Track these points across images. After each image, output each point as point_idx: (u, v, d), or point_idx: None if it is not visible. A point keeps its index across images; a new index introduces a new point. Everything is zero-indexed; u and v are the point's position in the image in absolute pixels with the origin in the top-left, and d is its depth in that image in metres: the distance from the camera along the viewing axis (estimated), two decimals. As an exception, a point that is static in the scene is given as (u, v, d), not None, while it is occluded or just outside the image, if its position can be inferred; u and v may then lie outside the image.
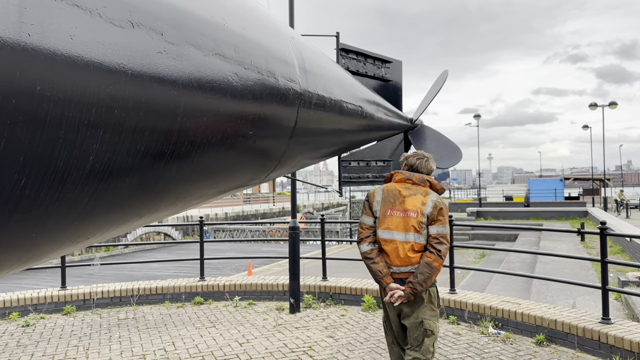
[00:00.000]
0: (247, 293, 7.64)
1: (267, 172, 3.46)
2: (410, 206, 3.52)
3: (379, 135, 4.91)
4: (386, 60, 5.20)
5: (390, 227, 3.51)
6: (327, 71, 3.78)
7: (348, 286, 7.27)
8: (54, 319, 6.83)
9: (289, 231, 6.95)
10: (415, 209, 3.51)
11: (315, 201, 62.22)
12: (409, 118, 5.46)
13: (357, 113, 4.19)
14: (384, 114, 4.79)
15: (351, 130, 4.19)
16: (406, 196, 3.58)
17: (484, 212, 33.73)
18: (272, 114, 2.96)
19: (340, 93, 3.88)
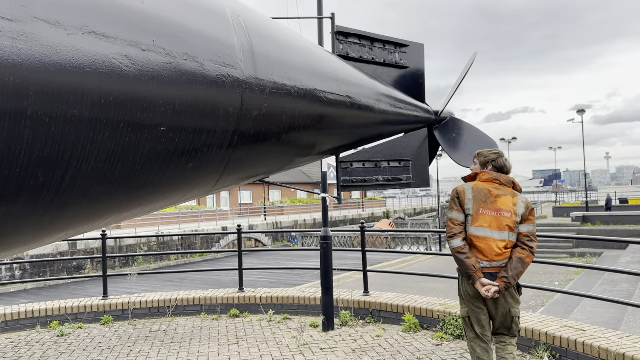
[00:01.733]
0: (285, 307, 7.16)
1: (209, 182, 2.95)
2: (503, 206, 3.67)
3: (386, 131, 4.21)
4: (401, 44, 4.48)
5: (484, 225, 3.64)
6: (293, 55, 3.19)
7: (389, 303, 6.53)
8: (90, 329, 6.81)
9: (320, 241, 6.37)
10: (508, 209, 3.67)
11: (407, 206, 60.77)
12: (434, 111, 4.68)
13: (344, 105, 3.55)
14: (392, 105, 4.09)
15: (337, 126, 3.55)
16: (497, 196, 3.70)
17: (591, 217, 30.62)
18: (193, 107, 2.44)
19: (314, 81, 3.27)
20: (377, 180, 4.29)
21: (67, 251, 25.89)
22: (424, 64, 4.68)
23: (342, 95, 3.52)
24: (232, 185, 3.25)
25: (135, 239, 28.76)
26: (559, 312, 10.54)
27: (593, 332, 4.84)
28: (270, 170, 3.45)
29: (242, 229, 7.71)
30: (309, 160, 3.79)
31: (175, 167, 2.55)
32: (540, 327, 5.09)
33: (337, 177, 4.03)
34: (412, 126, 4.47)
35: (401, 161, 4.48)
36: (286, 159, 3.39)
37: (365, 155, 4.26)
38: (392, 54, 4.44)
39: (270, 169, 3.40)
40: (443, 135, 4.67)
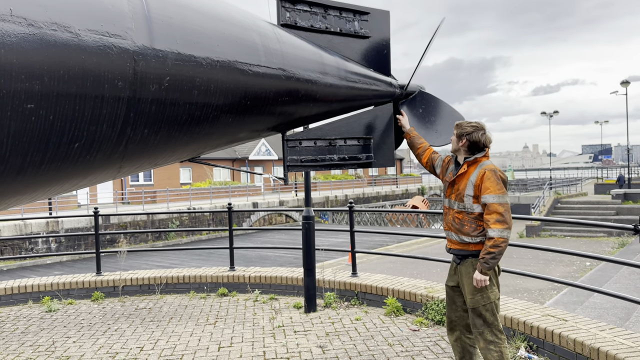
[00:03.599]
0: (273, 286, 7.03)
1: (110, 165, 2.77)
2: None
3: (337, 107, 3.91)
4: (361, 12, 4.14)
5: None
6: (209, 23, 2.93)
7: (374, 285, 6.29)
8: (79, 306, 6.88)
9: (302, 221, 6.17)
10: None
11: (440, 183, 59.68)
12: (399, 84, 4.34)
13: (277, 78, 3.29)
14: (343, 79, 3.79)
15: (269, 102, 3.29)
16: None
17: (633, 194, 29.17)
18: (67, 82, 2.25)
19: (235, 52, 3.01)
20: (330, 160, 4.00)
21: (101, 225, 26.70)
22: (389, 33, 4.31)
23: (274, 68, 3.24)
24: (144, 168, 3.06)
25: (166, 214, 29.37)
26: (571, 302, 10.05)
27: (574, 323, 4.48)
28: (196, 150, 3.24)
29: (232, 207, 7.58)
30: (241, 139, 3.55)
31: (56, 147, 2.38)
32: (520, 316, 4.75)
33: (283, 157, 3.78)
34: (371, 101, 4.15)
35: (360, 139, 4.17)
36: (211, 138, 3.17)
37: (317, 132, 3.97)
38: (350, 23, 4.10)
39: (194, 148, 3.19)
40: (409, 111, 4.33)
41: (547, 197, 29.47)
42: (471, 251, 3.66)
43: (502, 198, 3.54)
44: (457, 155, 3.82)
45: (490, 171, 3.58)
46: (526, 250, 19.87)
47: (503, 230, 3.48)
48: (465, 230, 3.66)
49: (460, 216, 3.70)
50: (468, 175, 3.67)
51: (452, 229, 3.76)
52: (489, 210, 3.53)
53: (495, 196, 3.52)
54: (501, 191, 3.55)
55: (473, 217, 3.63)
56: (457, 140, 3.76)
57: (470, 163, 3.70)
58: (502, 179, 3.60)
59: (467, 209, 3.64)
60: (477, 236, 3.62)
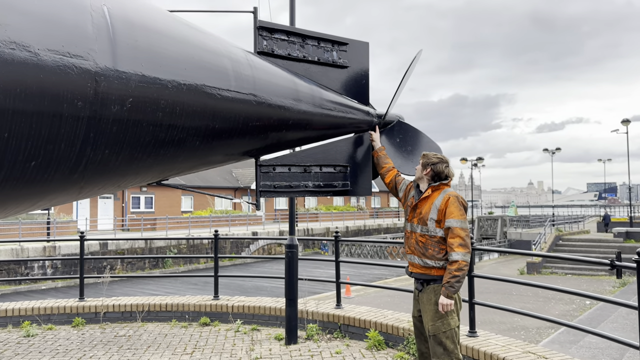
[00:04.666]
0: (256, 317, 6.91)
1: (70, 186, 2.75)
2: None
3: (312, 135, 3.91)
4: (339, 42, 4.18)
5: None
6: (178, 48, 2.95)
7: (357, 317, 6.17)
8: (59, 331, 6.77)
9: (285, 249, 6.11)
10: None
11: (446, 217, 59.32)
12: (377, 114, 4.35)
13: (247, 103, 3.29)
14: (318, 106, 3.80)
15: (238, 127, 3.29)
16: None
17: (635, 233, 28.89)
18: (24, 100, 2.26)
19: (203, 76, 3.03)
20: (305, 187, 3.97)
21: (98, 251, 26.56)
22: (367, 64, 4.35)
23: (245, 93, 3.25)
24: (107, 189, 3.04)
25: (165, 240, 29.24)
26: (567, 341, 9.84)
27: (555, 361, 4.36)
28: (162, 172, 3.22)
29: (218, 234, 7.52)
30: (212, 163, 3.54)
31: (12, 166, 2.36)
32: (500, 352, 4.63)
33: (256, 182, 3.76)
34: (347, 129, 4.14)
35: (336, 166, 4.15)
36: (177, 161, 3.16)
37: (292, 159, 3.96)
38: (328, 52, 4.14)
39: (160, 170, 3.17)
40: (387, 140, 4.32)
41: (548, 234, 29.22)
42: (433, 276, 3.75)
43: (464, 223, 3.68)
44: (420, 183, 3.92)
45: (454, 197, 3.73)
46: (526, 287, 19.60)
47: (466, 254, 3.61)
48: (429, 254, 3.74)
49: (423, 239, 3.77)
50: (432, 200, 3.77)
51: (416, 252, 3.84)
52: (453, 234, 3.63)
53: (458, 221, 3.65)
54: (463, 217, 3.69)
55: (435, 240, 3.72)
56: (421, 169, 3.87)
57: (435, 189, 3.81)
58: (464, 206, 3.76)
59: (430, 232, 3.74)
60: (440, 260, 3.71)
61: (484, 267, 29.00)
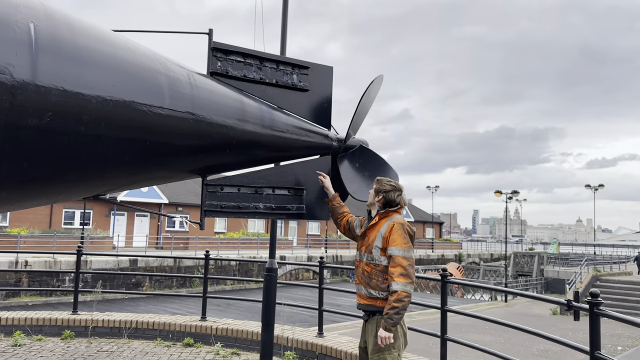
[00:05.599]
0: (239, 340, 6.83)
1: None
2: None
3: (259, 156, 3.88)
4: (300, 65, 4.17)
5: None
6: (108, 66, 3.01)
7: (336, 347, 6.00)
8: (46, 343, 6.88)
9: (264, 273, 6.04)
10: None
11: (483, 250, 57.75)
12: (337, 138, 4.29)
13: (184, 122, 3.30)
14: (267, 127, 3.78)
15: (172, 146, 3.30)
16: None
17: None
18: None
19: (134, 93, 3.06)
20: (255, 208, 3.93)
21: (127, 267, 27.13)
22: (330, 88, 4.30)
23: (180, 111, 3.27)
24: (33, 203, 3.09)
25: (193, 260, 29.61)
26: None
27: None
28: (92, 188, 3.25)
29: (209, 255, 7.54)
30: (150, 180, 3.55)
31: None
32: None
33: (201, 201, 3.75)
34: (302, 152, 4.09)
35: (291, 189, 4.09)
36: (106, 177, 3.18)
37: (242, 179, 3.93)
38: (287, 75, 4.13)
39: (88, 186, 3.20)
40: (346, 165, 4.24)
41: (584, 273, 27.89)
42: (378, 307, 3.60)
43: (408, 252, 3.50)
44: (371, 209, 3.81)
45: (398, 224, 3.58)
46: (555, 328, 18.68)
47: (406, 285, 3.43)
48: (373, 284, 3.61)
49: (368, 269, 3.65)
50: (378, 227, 3.66)
51: (362, 282, 3.71)
52: (394, 263, 3.48)
53: (400, 249, 3.49)
54: (407, 245, 3.52)
55: (380, 269, 3.58)
56: (374, 195, 3.76)
57: (382, 216, 3.70)
58: (410, 234, 3.59)
59: (374, 261, 3.61)
60: (384, 290, 3.57)
61: (515, 306, 27.91)
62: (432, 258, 45.43)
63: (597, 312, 3.23)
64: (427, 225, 58.98)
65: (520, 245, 74.11)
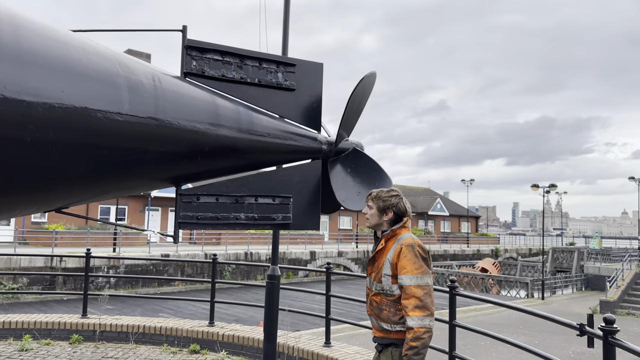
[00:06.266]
0: (245, 348, 6.60)
1: None
2: None
3: (237, 163, 3.58)
4: (285, 63, 3.85)
5: None
6: (56, 66, 2.76)
7: (342, 359, 5.68)
8: (54, 347, 6.82)
9: (266, 280, 5.77)
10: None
11: (521, 245, 56.19)
12: (328, 141, 3.95)
13: (145, 127, 3.04)
14: (245, 131, 3.48)
15: (131, 153, 3.04)
16: None
17: None
18: None
19: (88, 98, 2.81)
20: (236, 219, 3.64)
21: (159, 263, 27.48)
22: (320, 87, 3.95)
23: (142, 117, 3.01)
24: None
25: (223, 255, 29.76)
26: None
27: None
28: (46, 202, 3.02)
29: (217, 258, 7.32)
30: (116, 190, 3.30)
31: None
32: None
33: (175, 212, 3.48)
34: (287, 156, 3.77)
35: (276, 197, 3.78)
36: (60, 190, 2.95)
37: (221, 188, 3.64)
38: (271, 74, 3.80)
39: (40, 199, 2.97)
40: (337, 170, 3.89)
41: (627, 270, 26.61)
42: (393, 339, 3.12)
43: (421, 279, 3.01)
44: (376, 230, 3.31)
45: (407, 247, 3.07)
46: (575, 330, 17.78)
47: (424, 318, 2.94)
48: (383, 316, 3.13)
49: (377, 299, 3.17)
50: (386, 252, 3.18)
51: (372, 314, 3.24)
52: (406, 294, 3.00)
53: (412, 277, 3.00)
54: (420, 270, 3.02)
55: (392, 300, 3.10)
56: (379, 215, 3.23)
57: (388, 237, 3.20)
58: (422, 256, 3.07)
59: (385, 291, 3.13)
60: (397, 323, 3.08)
61: (553, 303, 26.90)
62: (467, 253, 44.46)
63: (611, 342, 2.79)
64: (463, 220, 57.77)
65: (561, 238, 71.74)
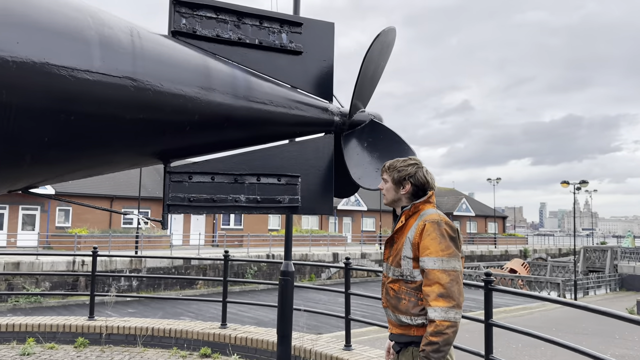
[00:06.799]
0: (259, 352, 6.10)
1: None
2: None
3: (237, 136, 3.08)
4: (290, 22, 3.33)
5: None
6: (9, 19, 2.31)
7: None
8: (57, 351, 6.43)
9: (279, 277, 5.26)
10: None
11: (551, 245, 54.66)
12: (340, 111, 3.42)
13: (121, 89, 2.56)
14: (243, 98, 2.98)
15: (113, 121, 2.56)
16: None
17: None
18: None
19: (50, 51, 2.35)
20: (235, 201, 3.13)
21: (182, 266, 27.29)
22: (332, 50, 3.42)
23: (116, 77, 2.53)
24: None
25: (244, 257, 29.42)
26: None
27: None
28: (6, 181, 2.56)
29: (229, 256, 6.85)
30: (93, 168, 2.83)
31: None
32: None
33: (164, 193, 3.00)
34: (294, 129, 3.25)
35: (281, 176, 3.26)
36: (25, 166, 2.48)
37: (217, 165, 3.13)
38: (274, 35, 3.30)
39: (4, 177, 2.52)
40: (352, 145, 3.36)
41: (665, 269, 25.37)
42: (412, 337, 2.58)
43: (448, 262, 2.46)
44: (395, 207, 2.79)
45: (432, 223, 2.54)
46: (634, 328, 16.81)
47: (448, 310, 2.40)
48: (402, 307, 2.59)
49: (395, 286, 2.64)
50: (406, 230, 2.65)
51: (389, 305, 2.69)
52: (429, 280, 2.47)
53: (437, 259, 2.46)
54: (446, 252, 2.47)
55: (413, 287, 2.57)
56: (395, 188, 2.73)
57: (409, 213, 2.67)
58: (449, 235, 2.52)
59: (404, 276, 2.60)
60: (418, 315, 2.55)
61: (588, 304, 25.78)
62: (494, 254, 43.30)
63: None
64: (490, 220, 56.47)
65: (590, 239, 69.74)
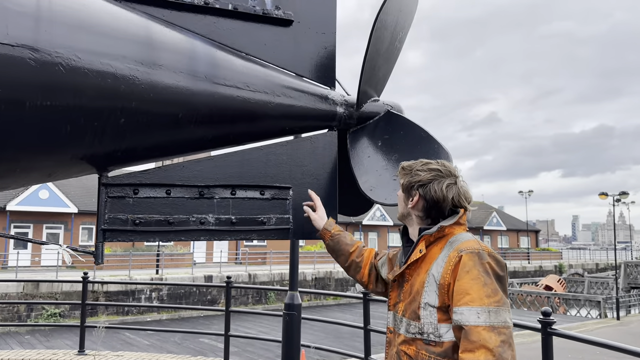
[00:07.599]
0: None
1: None
2: None
3: (198, 134, 2.25)
4: (277, -16, 2.52)
5: None
6: None
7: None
8: (40, 391, 5.69)
9: (283, 310, 4.41)
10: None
11: (587, 260, 52.37)
12: (345, 100, 2.57)
13: (25, 65, 1.78)
14: (210, 79, 2.17)
15: (8, 113, 1.77)
16: None
17: None
18: None
19: None
20: (201, 223, 2.31)
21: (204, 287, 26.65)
22: (333, 21, 2.61)
23: (9, 45, 1.74)
24: None
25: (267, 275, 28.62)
26: None
27: None
28: None
29: (231, 282, 6.02)
30: None
31: None
32: None
33: (97, 214, 2.19)
34: (278, 124, 2.42)
35: (266, 189, 2.43)
36: None
37: (175, 174, 2.31)
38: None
39: None
40: (363, 145, 2.50)
41: None
42: None
43: (497, 315, 1.64)
44: (408, 225, 1.94)
45: (471, 255, 1.70)
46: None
47: None
48: None
49: (411, 350, 1.77)
50: (428, 263, 1.79)
51: None
52: (470, 343, 1.61)
53: (482, 310, 1.63)
54: (494, 298, 1.65)
55: (439, 352, 1.70)
56: (404, 198, 1.91)
57: (432, 239, 1.80)
58: (495, 273, 1.69)
59: (424, 335, 1.74)
60: None
61: (631, 324, 24.09)
62: (528, 270, 41.50)
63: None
64: (522, 234, 54.52)
65: (628, 252, 66.89)
